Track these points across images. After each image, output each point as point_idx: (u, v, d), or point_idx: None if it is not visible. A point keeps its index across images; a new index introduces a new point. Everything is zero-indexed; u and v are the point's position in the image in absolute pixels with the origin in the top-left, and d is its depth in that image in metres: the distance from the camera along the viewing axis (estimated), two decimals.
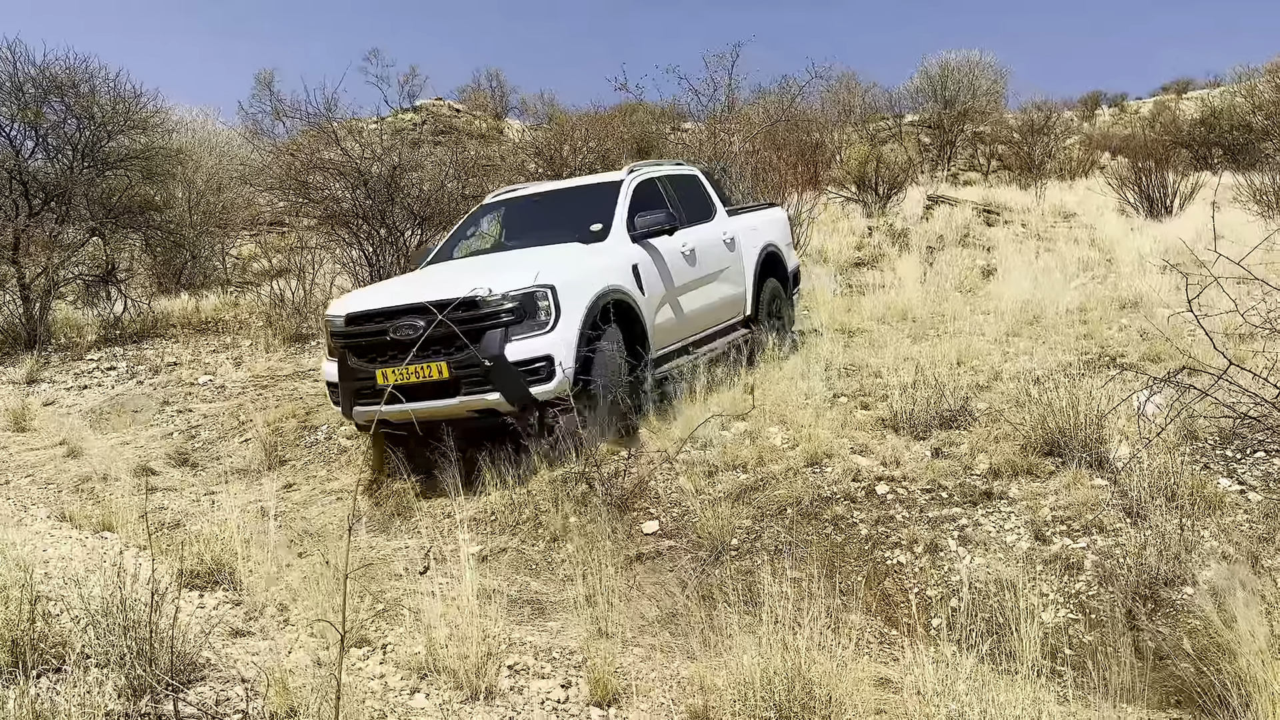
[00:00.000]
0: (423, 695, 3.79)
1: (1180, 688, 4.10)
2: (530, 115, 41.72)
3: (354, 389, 6.85)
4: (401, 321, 6.68)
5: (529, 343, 6.55)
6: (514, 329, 6.56)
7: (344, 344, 6.99)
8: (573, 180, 10.10)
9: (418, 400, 6.49)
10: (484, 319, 6.56)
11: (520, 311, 6.59)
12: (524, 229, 8.88)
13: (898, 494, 5.97)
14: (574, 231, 8.03)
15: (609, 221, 8.07)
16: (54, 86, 13.90)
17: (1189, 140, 28.91)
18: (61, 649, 3.52)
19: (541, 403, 6.62)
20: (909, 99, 40.07)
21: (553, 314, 6.66)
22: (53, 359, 12.06)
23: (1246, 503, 5.30)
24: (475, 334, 6.52)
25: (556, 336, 6.61)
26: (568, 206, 8.87)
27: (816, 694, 3.49)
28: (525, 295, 6.62)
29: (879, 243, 16.40)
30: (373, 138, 17.12)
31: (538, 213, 9.07)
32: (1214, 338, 5.29)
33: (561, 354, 6.56)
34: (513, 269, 7.05)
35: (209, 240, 18.52)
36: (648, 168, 9.23)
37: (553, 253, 7.58)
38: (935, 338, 9.06)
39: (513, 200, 9.38)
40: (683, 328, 8.32)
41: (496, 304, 6.56)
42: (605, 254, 7.60)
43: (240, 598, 4.67)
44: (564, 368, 6.53)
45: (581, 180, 9.77)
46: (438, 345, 6.54)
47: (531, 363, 6.52)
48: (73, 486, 7.43)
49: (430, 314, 6.43)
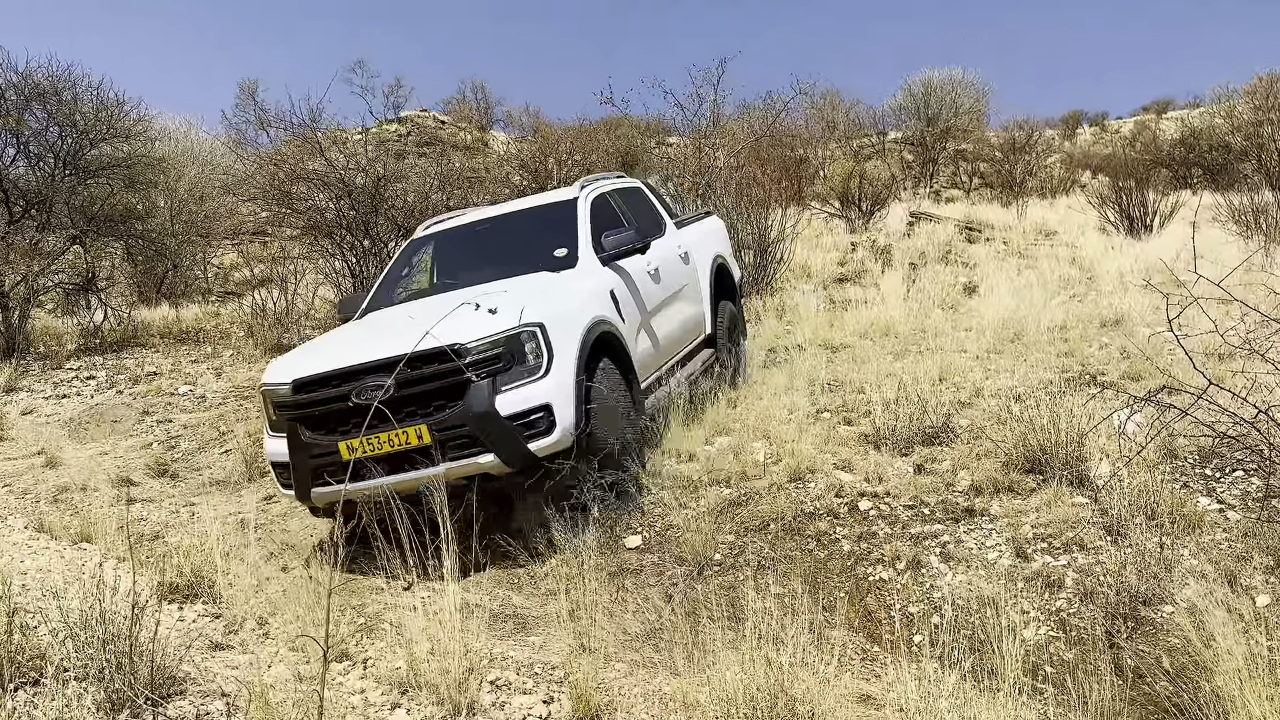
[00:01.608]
0: (404, 711, 3.77)
1: (1159, 706, 4.12)
2: (515, 127, 41.77)
3: (311, 468, 5.86)
4: (364, 382, 5.72)
5: (522, 392, 5.74)
6: (502, 378, 5.74)
7: (293, 416, 5.99)
8: (518, 202, 9.12)
9: (394, 473, 5.67)
10: (463, 370, 5.71)
11: (507, 357, 5.77)
12: (473, 263, 7.87)
13: (880, 510, 5.98)
14: (532, 260, 7.24)
15: (574, 245, 7.31)
16: (36, 94, 13.86)
17: (1169, 160, 29.22)
18: (39, 662, 3.48)
19: (542, 459, 5.80)
20: (892, 116, 40.39)
21: (544, 356, 5.85)
22: (31, 368, 11.97)
23: (1225, 521, 5.34)
24: (457, 389, 5.71)
25: (552, 382, 5.82)
26: (519, 232, 7.98)
27: (799, 711, 3.49)
28: (510, 338, 5.80)
29: (862, 259, 16.48)
30: (357, 148, 17.09)
31: (486, 242, 8.09)
32: (1194, 357, 5.33)
33: (560, 401, 5.80)
34: (487, 309, 6.12)
35: (191, 249, 18.47)
36: (599, 182, 8.51)
37: (527, 285, 6.72)
38: (918, 354, 9.10)
39: (454, 231, 8.38)
40: (659, 356, 7.67)
41: (480, 351, 5.72)
42: (581, 282, 6.86)
43: (220, 610, 4.64)
44: (564, 417, 5.82)
45: (529, 202, 8.79)
46: (410, 406, 5.71)
47: (527, 415, 5.73)
48: (51, 497, 7.37)
49: (397, 370, 5.48)
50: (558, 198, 8.19)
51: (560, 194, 8.34)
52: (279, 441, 6.11)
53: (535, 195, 9.83)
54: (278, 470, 6.23)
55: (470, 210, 9.36)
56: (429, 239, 8.40)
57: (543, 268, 7.09)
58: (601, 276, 7.06)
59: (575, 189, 8.14)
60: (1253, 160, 25.59)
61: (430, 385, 5.70)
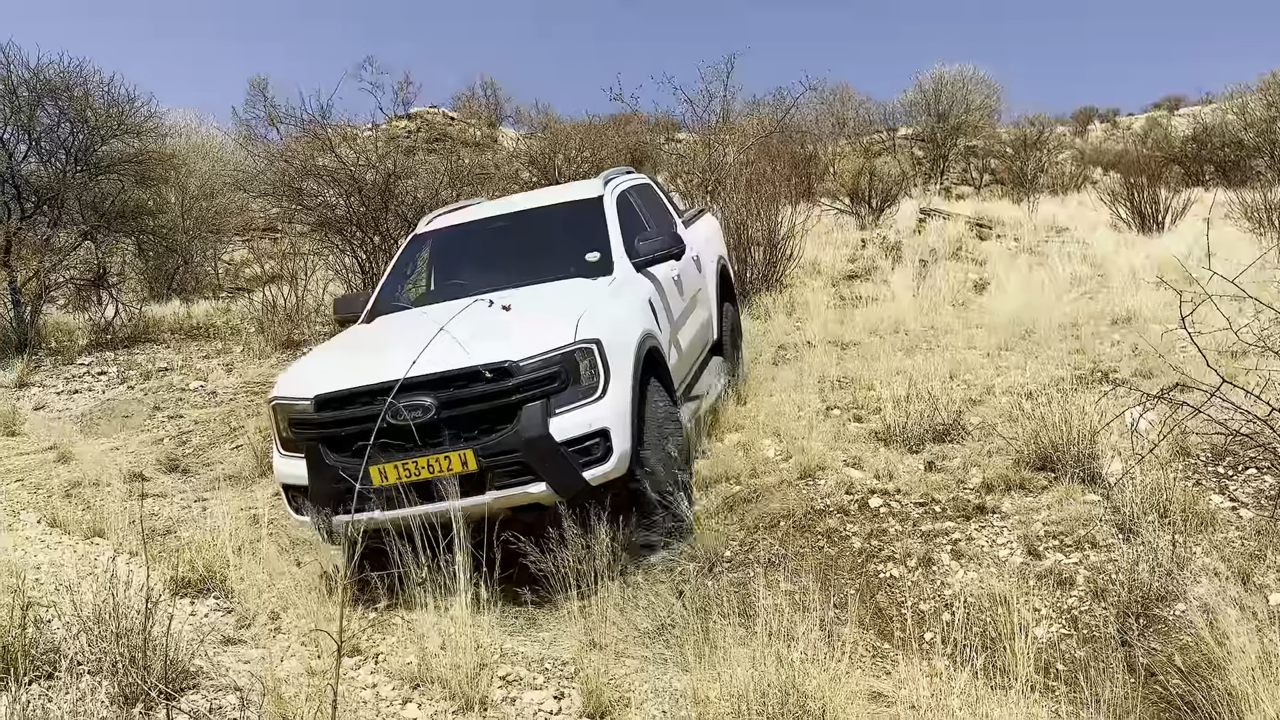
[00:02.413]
0: (415, 706, 3.79)
1: (1171, 704, 4.10)
2: (525, 124, 41.74)
3: (337, 494, 5.09)
4: (403, 401, 5.01)
5: (578, 415, 5.21)
6: (556, 399, 5.20)
7: (314, 436, 5.34)
8: (533, 197, 8.43)
9: (429, 500, 5.03)
10: (517, 390, 5.14)
11: (562, 377, 5.23)
12: (491, 263, 7.18)
13: (891, 507, 5.97)
14: (560, 264, 6.74)
15: (606, 248, 6.76)
16: (48, 90, 13.90)
17: (1181, 156, 29.08)
18: (53, 656, 3.50)
19: (596, 489, 5.27)
20: (903, 112, 40.23)
21: (600, 376, 5.32)
22: (44, 363, 12.03)
23: (1238, 520, 5.32)
24: (505, 410, 5.15)
25: (609, 405, 5.30)
26: (540, 232, 7.38)
27: (810, 707, 3.49)
28: (565, 356, 5.25)
29: (872, 255, 16.44)
30: (367, 145, 17.12)
31: (504, 241, 7.40)
32: (1206, 354, 5.31)
33: (617, 426, 5.29)
34: (538, 321, 5.62)
35: (201, 245, 18.53)
36: (620, 178, 7.96)
37: (572, 294, 6.19)
38: (928, 351, 9.08)
39: (466, 227, 7.65)
40: (683, 367, 7.10)
41: (532, 370, 5.17)
42: (623, 291, 6.30)
43: (232, 605, 4.66)
44: (621, 442, 5.32)
45: (546, 197, 8.11)
46: (451, 429, 5.14)
47: (583, 441, 5.21)
48: (63, 492, 7.40)
49: (440, 388, 5.10)
50: (580, 194, 7.60)
51: (580, 190, 7.82)
52: (292, 462, 5.47)
53: (548, 189, 9.29)
54: (290, 494, 5.59)
55: (476, 204, 8.72)
56: (436, 235, 7.71)
57: (575, 273, 6.59)
58: (639, 285, 6.56)
59: (598, 185, 7.60)
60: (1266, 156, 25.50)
61: (476, 406, 5.15)
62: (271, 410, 5.75)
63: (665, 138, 30.69)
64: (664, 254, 6.82)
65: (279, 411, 5.64)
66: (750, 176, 13.93)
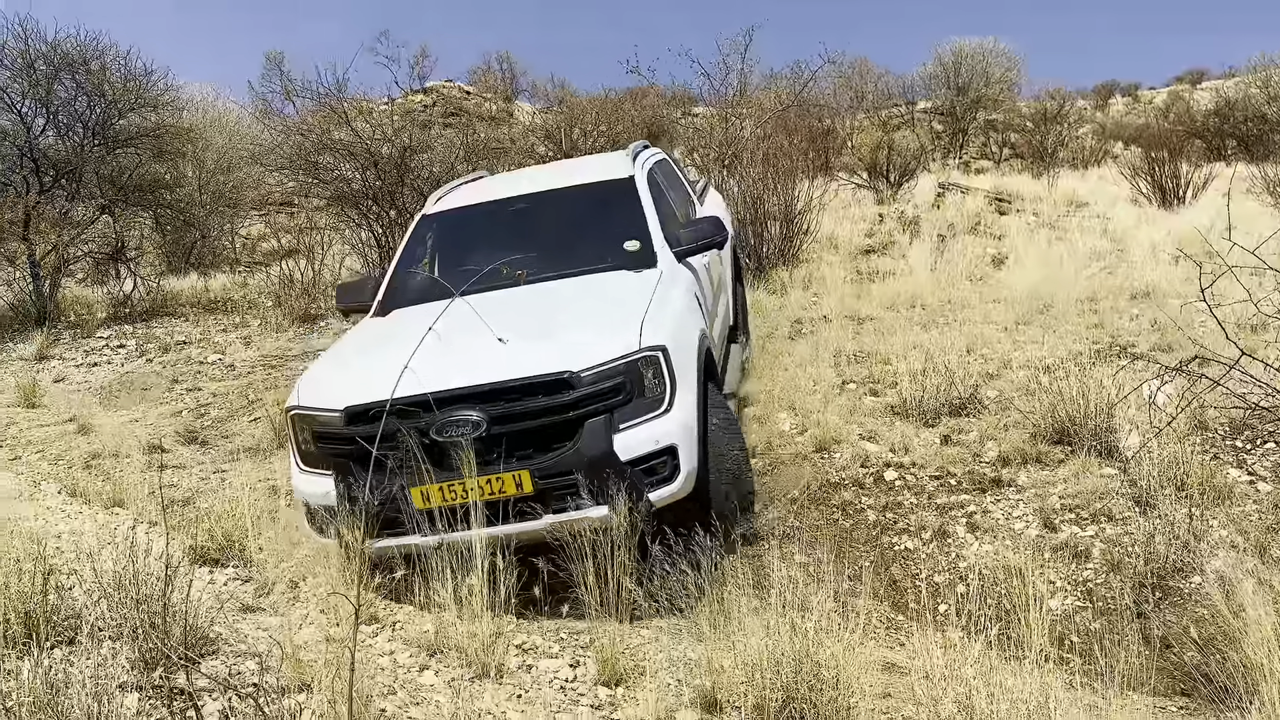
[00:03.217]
0: (432, 672, 3.82)
1: (1186, 675, 4.10)
2: (540, 98, 41.64)
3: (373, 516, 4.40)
4: (450, 415, 4.59)
5: (643, 431, 4.67)
6: (620, 413, 4.67)
7: (344, 452, 4.77)
8: (550, 173, 7.67)
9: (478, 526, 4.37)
10: (578, 404, 4.62)
11: (627, 389, 4.69)
12: (513, 249, 6.29)
13: (906, 480, 5.98)
14: (595, 252, 6.15)
15: (645, 236, 6.12)
16: (65, 64, 13.92)
17: (1203, 131, 28.77)
18: (74, 621, 3.54)
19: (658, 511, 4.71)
20: (922, 85, 39.95)
21: (666, 387, 4.77)
22: (63, 336, 12.12)
23: (1256, 493, 5.30)
24: (566, 426, 4.63)
25: (676, 419, 4.76)
26: (566, 214, 6.68)
27: (824, 676, 3.50)
28: (629, 365, 4.71)
29: (890, 230, 16.34)
30: (383, 119, 17.11)
31: (525, 224, 6.72)
32: (1226, 328, 5.27)
33: (684, 441, 4.77)
34: (594, 325, 5.05)
35: (218, 220, 18.58)
36: (645, 153, 7.38)
37: (619, 290, 5.57)
38: (945, 325, 9.05)
39: (481, 209, 6.95)
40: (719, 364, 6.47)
41: (595, 381, 4.64)
42: (675, 288, 5.65)
43: (250, 574, 4.69)
44: (688, 460, 4.79)
45: (567, 174, 7.36)
46: (500, 446, 4.59)
47: (650, 459, 4.68)
48: (83, 463, 7.47)
49: (490, 401, 4.59)
50: (607, 173, 6.95)
51: (606, 166, 7.20)
52: (314, 479, 4.92)
53: (567, 164, 8.51)
54: (313, 515, 4.96)
55: (486, 178, 8.04)
56: (448, 216, 7.01)
57: (612, 264, 5.99)
58: (682, 278, 5.92)
59: (625, 162, 6.99)
60: None
61: (532, 423, 4.62)
62: (290, 420, 5.12)
63: (682, 112, 30.54)
64: (707, 244, 6.23)
65: (299, 422, 5.03)
66: (767, 150, 13.84)
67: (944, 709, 3.33)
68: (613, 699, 3.80)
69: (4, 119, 13.59)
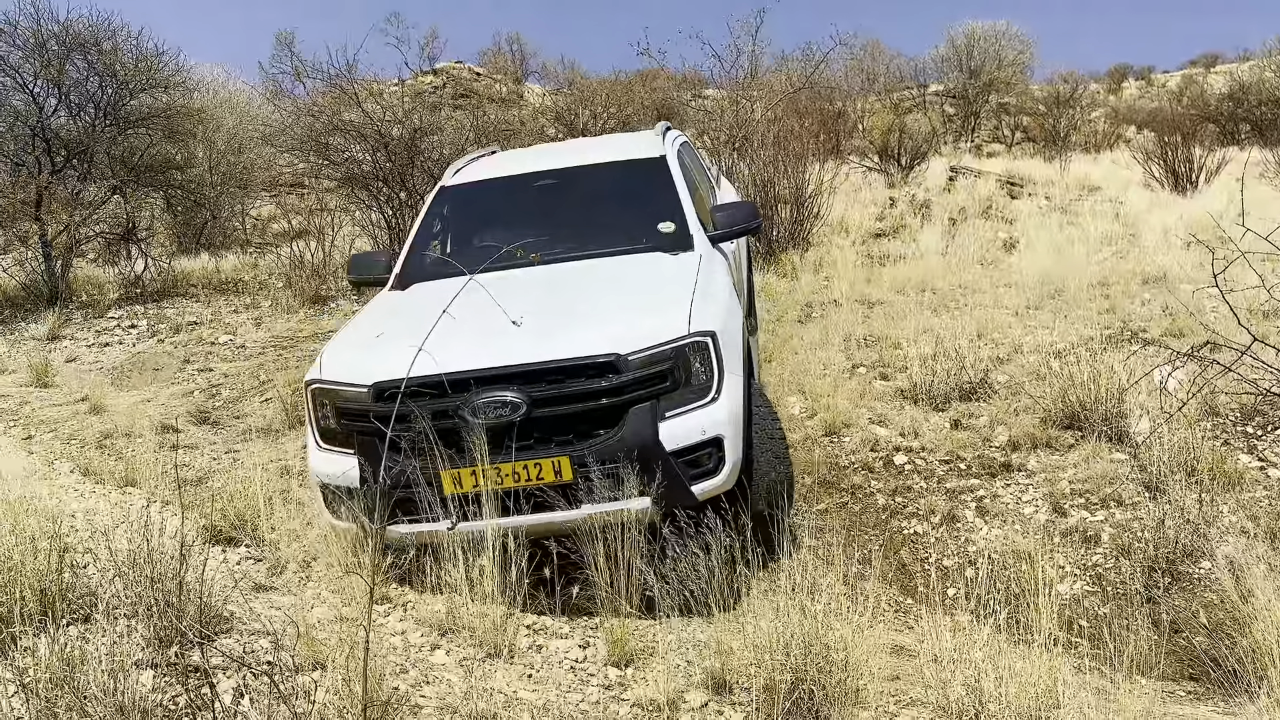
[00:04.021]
0: (443, 652, 3.84)
1: (1195, 660, 4.11)
2: (550, 80, 41.54)
3: (396, 500, 4.29)
4: (486, 396, 4.33)
5: (689, 420, 4.42)
6: (666, 401, 4.42)
7: (372, 431, 4.45)
8: (583, 150, 7.37)
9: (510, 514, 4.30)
10: (624, 389, 4.36)
11: (675, 375, 4.44)
12: (539, 227, 6.10)
13: (916, 465, 5.98)
14: (626, 232, 5.94)
15: (681, 218, 5.88)
16: (77, 44, 13.92)
17: (1216, 115, 28.60)
18: (90, 599, 3.57)
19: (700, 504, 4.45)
20: (934, 68, 39.81)
21: (714, 374, 4.52)
22: (74, 316, 12.16)
23: (1266, 479, 5.29)
24: (609, 411, 4.38)
25: (724, 408, 4.49)
26: (594, 193, 6.42)
27: (833, 658, 3.52)
28: (678, 350, 4.46)
29: (900, 213, 16.30)
30: (393, 100, 17.08)
31: (551, 201, 6.45)
32: (1238, 313, 5.26)
33: (730, 433, 4.51)
34: (639, 306, 4.83)
35: (229, 200, 18.60)
36: (672, 133, 7.15)
37: (660, 272, 5.35)
38: (956, 310, 9.03)
39: (504, 182, 6.71)
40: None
41: (642, 365, 4.38)
42: (715, 273, 5.39)
43: (263, 554, 4.73)
44: (733, 451, 4.55)
45: (599, 152, 7.08)
46: (538, 431, 4.35)
47: (695, 450, 4.44)
48: (96, 442, 7.50)
49: (531, 382, 4.34)
50: (636, 151, 6.71)
51: (636, 145, 6.91)
52: (336, 459, 4.61)
53: (594, 141, 8.27)
54: (330, 496, 4.65)
55: (507, 153, 7.82)
56: (469, 189, 6.69)
57: (647, 245, 5.76)
58: (719, 263, 5.66)
59: (655, 142, 6.75)
60: None
61: (574, 407, 4.37)
62: (310, 394, 4.77)
63: (692, 94, 30.43)
64: (742, 229, 5.98)
65: (320, 397, 4.71)
66: (778, 133, 13.80)
67: (952, 692, 3.35)
68: (622, 679, 3.83)
69: (16, 99, 13.62)
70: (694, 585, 4.08)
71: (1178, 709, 3.70)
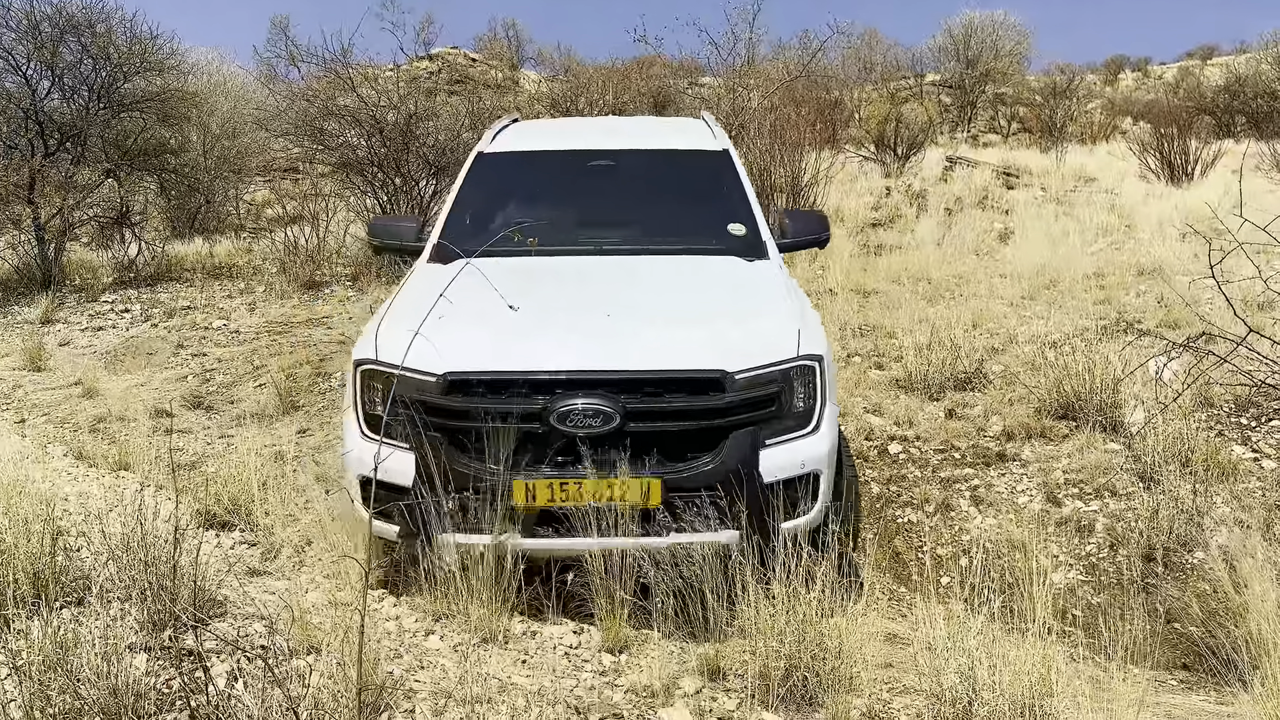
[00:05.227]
0: (438, 637, 3.84)
1: (1189, 649, 4.13)
2: (546, 66, 41.45)
3: (456, 505, 3.92)
4: (577, 402, 3.89)
5: (789, 450, 4.04)
6: (767, 427, 4.04)
7: (438, 425, 3.98)
8: (635, 132, 6.80)
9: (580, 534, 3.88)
10: (728, 410, 3.97)
11: (779, 400, 4.08)
12: (589, 211, 5.70)
13: (910, 454, 5.98)
14: (691, 230, 5.43)
15: (751, 221, 5.38)
16: (70, 26, 13.82)
17: (1212, 107, 28.64)
18: (83, 583, 3.57)
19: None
20: (931, 58, 39.79)
21: (816, 401, 4.14)
22: (68, 300, 12.11)
23: (1260, 470, 5.31)
24: (708, 433, 3.98)
25: (824, 441, 4.12)
26: (653, 183, 5.85)
27: (827, 646, 3.52)
28: (784, 373, 4.09)
29: (896, 203, 16.29)
30: (388, 85, 17.02)
31: (605, 185, 5.85)
32: (1234, 304, 5.26)
33: (826, 470, 4.15)
34: (738, 317, 4.37)
35: (223, 185, 18.51)
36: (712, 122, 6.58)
37: (745, 281, 4.89)
38: (951, 300, 9.04)
39: (554, 156, 6.09)
40: None
41: (748, 386, 4.00)
42: (795, 286, 4.96)
43: (256, 539, 4.72)
44: (825, 488, 4.18)
45: (653, 136, 6.53)
46: (629, 447, 3.87)
47: (792, 485, 4.05)
48: (89, 426, 7.48)
49: (627, 391, 3.90)
50: (695, 141, 6.12)
51: (688, 133, 6.34)
52: (385, 452, 3.88)
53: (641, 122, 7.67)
54: (369, 491, 4.00)
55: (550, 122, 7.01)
56: (512, 158, 6.05)
57: (717, 247, 5.27)
58: (785, 272, 5.14)
59: (707, 132, 6.25)
60: None
61: (669, 425, 3.96)
62: (359, 376, 4.21)
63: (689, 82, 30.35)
64: (812, 240, 5.58)
65: (371, 380, 4.16)
66: (774, 122, 13.79)
67: (946, 680, 3.35)
68: (616, 665, 3.83)
69: (9, 81, 13.52)
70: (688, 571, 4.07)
71: (1171, 698, 3.71)
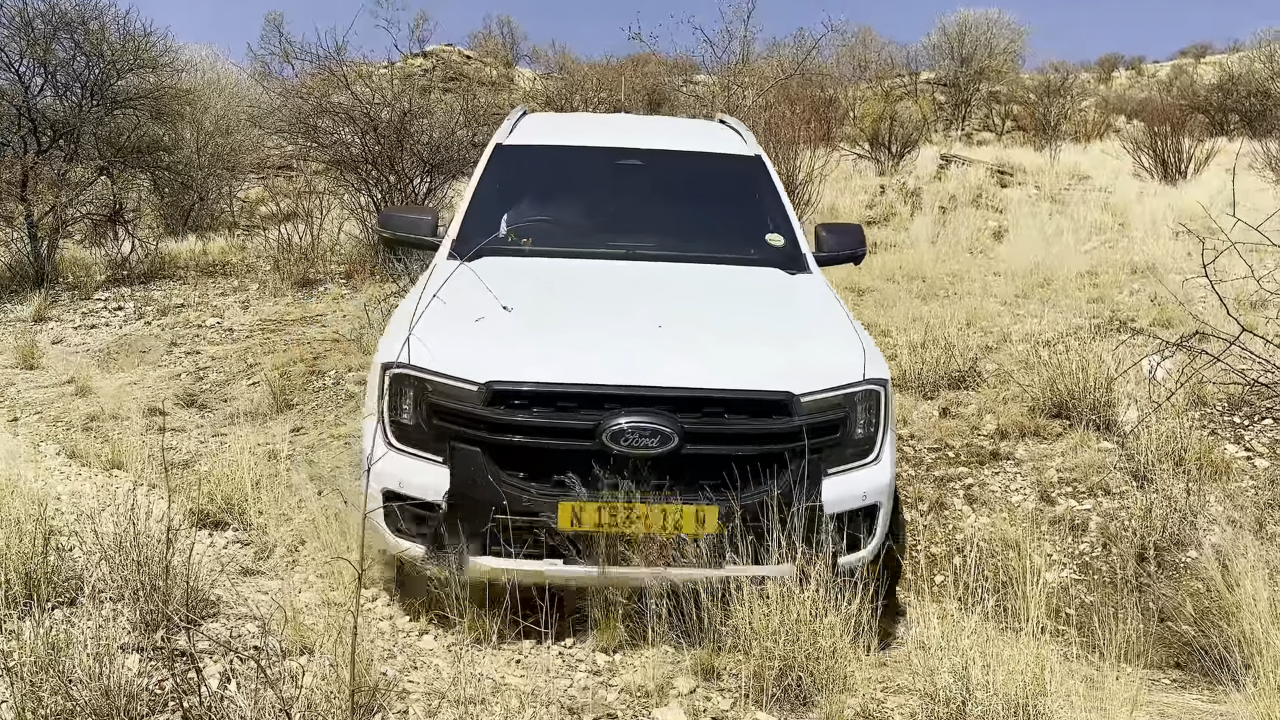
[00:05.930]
0: (431, 638, 3.84)
1: (1182, 648, 4.14)
2: (541, 64, 41.41)
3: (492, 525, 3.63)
4: (633, 420, 3.58)
5: (850, 480, 3.80)
6: (828, 455, 3.76)
7: (477, 439, 3.67)
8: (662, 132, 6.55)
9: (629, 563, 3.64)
10: (792, 435, 3.68)
11: (843, 426, 3.81)
12: (617, 211, 5.40)
13: (904, 452, 5.99)
14: (724, 238, 5.19)
15: (790, 231, 5.11)
16: (63, 23, 13.77)
17: (1206, 105, 28.72)
18: (75, 583, 3.55)
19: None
20: (925, 56, 39.82)
21: (878, 431, 3.89)
22: (61, 298, 12.07)
23: (1253, 469, 5.32)
24: (767, 459, 3.68)
25: (886, 472, 3.88)
26: (686, 184, 5.57)
27: (821, 645, 3.52)
28: (847, 398, 3.82)
29: (891, 201, 16.30)
30: (383, 83, 16.98)
31: (632, 185, 5.52)
32: (1227, 303, 5.27)
33: (886, 504, 3.90)
34: (798, 335, 4.14)
35: (217, 182, 18.46)
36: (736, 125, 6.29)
37: (798, 295, 4.64)
38: (945, 298, 9.04)
39: (577, 152, 5.74)
40: None
41: (812, 411, 3.73)
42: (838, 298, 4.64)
43: (250, 538, 4.71)
44: (883, 523, 3.93)
45: (683, 137, 6.23)
46: (684, 470, 3.63)
47: (854, 518, 3.81)
48: (82, 424, 7.46)
49: (687, 410, 3.63)
50: (725, 145, 5.85)
51: (716, 136, 6.09)
52: (417, 466, 3.72)
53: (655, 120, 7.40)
54: (394, 506, 3.75)
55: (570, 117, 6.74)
56: (533, 152, 5.71)
57: (756, 258, 4.97)
58: (830, 287, 4.83)
59: (736, 136, 5.99)
60: None
61: (728, 449, 3.68)
62: (387, 381, 3.83)
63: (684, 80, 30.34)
64: (849, 255, 5.30)
65: (402, 385, 3.79)
66: (769, 120, 13.78)
67: (940, 679, 3.35)
68: (611, 665, 3.82)
69: (1, 78, 13.48)
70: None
71: (1164, 697, 3.72)
